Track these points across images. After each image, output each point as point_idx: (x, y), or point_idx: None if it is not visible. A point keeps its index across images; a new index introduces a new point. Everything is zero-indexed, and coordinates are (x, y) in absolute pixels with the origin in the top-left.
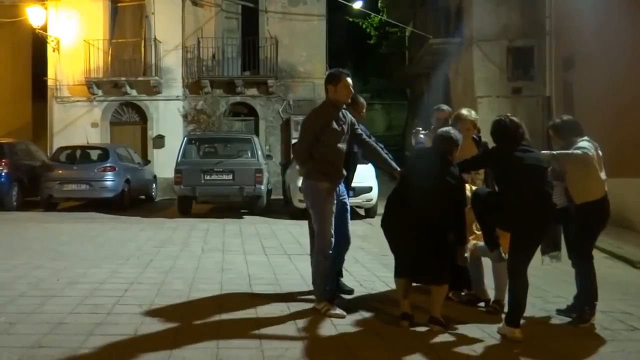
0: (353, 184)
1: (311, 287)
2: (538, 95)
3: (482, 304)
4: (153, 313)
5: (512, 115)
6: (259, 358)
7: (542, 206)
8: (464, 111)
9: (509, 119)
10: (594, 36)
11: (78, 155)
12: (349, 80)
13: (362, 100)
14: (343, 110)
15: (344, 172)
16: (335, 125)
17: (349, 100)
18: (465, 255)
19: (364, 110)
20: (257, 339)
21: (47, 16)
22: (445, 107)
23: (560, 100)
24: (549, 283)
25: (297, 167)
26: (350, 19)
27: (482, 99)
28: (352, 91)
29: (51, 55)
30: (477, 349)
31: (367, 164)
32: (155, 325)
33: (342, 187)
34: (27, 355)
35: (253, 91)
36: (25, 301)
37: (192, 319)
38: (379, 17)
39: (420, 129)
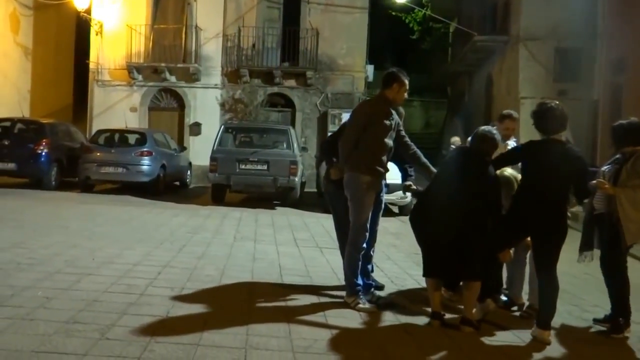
0: (388, 181)
1: (342, 281)
2: (585, 98)
3: (515, 308)
4: (184, 296)
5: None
6: (288, 347)
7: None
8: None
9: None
10: None
11: (116, 139)
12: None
13: (401, 109)
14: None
15: (388, 168)
16: (385, 119)
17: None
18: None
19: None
20: (286, 328)
21: (91, 0)
22: (514, 114)
23: (607, 105)
24: (587, 292)
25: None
26: (393, 13)
27: (525, 99)
28: None
29: (94, 39)
30: (507, 352)
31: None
32: (187, 308)
33: (382, 185)
34: (63, 329)
35: (291, 82)
36: (61, 278)
37: (222, 304)
38: (423, 11)
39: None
